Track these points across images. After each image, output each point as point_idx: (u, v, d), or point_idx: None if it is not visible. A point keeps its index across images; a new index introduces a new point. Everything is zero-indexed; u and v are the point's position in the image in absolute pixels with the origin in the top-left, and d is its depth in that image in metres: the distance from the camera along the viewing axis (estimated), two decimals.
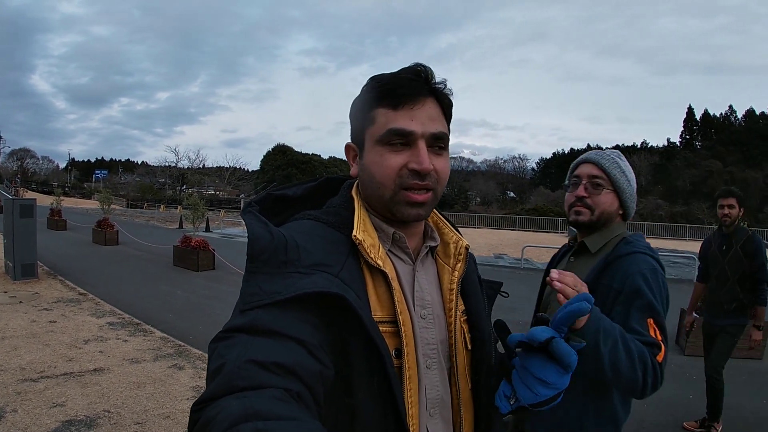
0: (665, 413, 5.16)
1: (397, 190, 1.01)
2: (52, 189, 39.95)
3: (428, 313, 1.07)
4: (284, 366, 0.74)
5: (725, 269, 4.67)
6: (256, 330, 0.79)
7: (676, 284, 14.58)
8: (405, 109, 1.01)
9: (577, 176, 2.08)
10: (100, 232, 18.57)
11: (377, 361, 0.89)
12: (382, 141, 1.02)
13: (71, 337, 6.63)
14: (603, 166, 2.02)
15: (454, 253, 1.16)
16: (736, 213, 4.55)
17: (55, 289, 9.85)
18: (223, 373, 0.72)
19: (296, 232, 0.97)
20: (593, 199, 2.02)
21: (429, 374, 1.03)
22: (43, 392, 4.71)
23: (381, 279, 0.99)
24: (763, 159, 65.28)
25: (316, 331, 0.84)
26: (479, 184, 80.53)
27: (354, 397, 0.89)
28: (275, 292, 0.84)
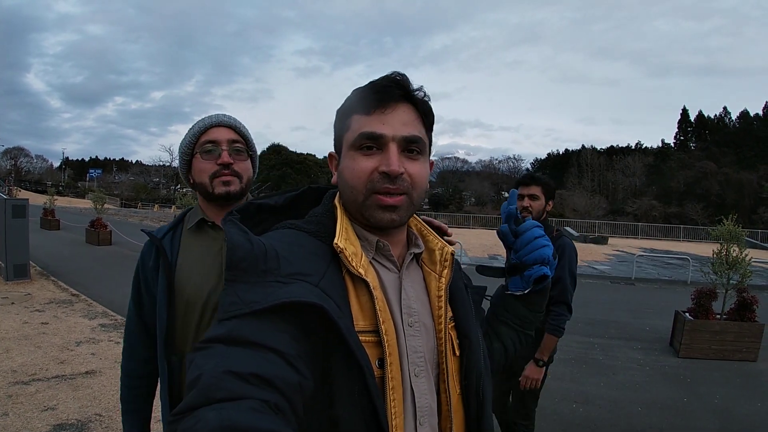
0: (660, 416, 5.15)
1: (369, 194, 1.02)
2: (46, 188, 39.79)
3: (415, 321, 1.05)
4: (262, 377, 0.73)
5: None
6: (233, 340, 0.78)
7: (669, 285, 14.63)
8: (377, 114, 1.02)
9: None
10: (94, 232, 18.50)
11: (357, 371, 0.88)
12: (354, 146, 1.03)
13: (63, 339, 6.58)
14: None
15: (439, 259, 1.15)
16: (541, 206, 3.36)
17: (48, 290, 9.79)
18: (201, 384, 0.71)
19: (276, 241, 0.97)
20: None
21: (417, 382, 1.02)
22: (34, 395, 4.67)
23: (363, 288, 0.98)
24: (758, 160, 65.65)
25: (295, 342, 0.82)
26: (474, 184, 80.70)
27: (336, 409, 0.88)
28: (253, 302, 0.83)
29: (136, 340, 1.80)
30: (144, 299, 1.76)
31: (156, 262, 1.72)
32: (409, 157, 1.04)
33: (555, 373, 6.08)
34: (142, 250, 1.80)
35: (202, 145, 1.71)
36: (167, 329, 1.65)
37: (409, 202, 1.04)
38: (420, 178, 1.05)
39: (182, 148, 1.76)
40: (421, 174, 1.05)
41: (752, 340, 7.27)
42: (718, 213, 40.15)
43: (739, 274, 7.46)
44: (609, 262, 20.88)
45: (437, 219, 1.32)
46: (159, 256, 1.72)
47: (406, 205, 1.04)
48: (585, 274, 16.47)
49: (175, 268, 1.69)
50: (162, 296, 1.66)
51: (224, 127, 1.74)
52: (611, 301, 11.61)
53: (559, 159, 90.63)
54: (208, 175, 1.69)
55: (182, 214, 1.86)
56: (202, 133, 1.72)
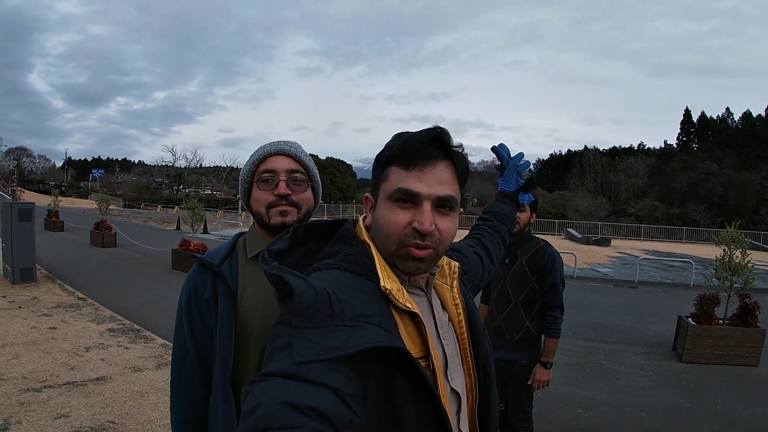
0: (662, 421, 5.20)
1: (401, 245, 1.07)
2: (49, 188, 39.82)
3: (446, 332, 1.16)
4: (318, 410, 0.76)
5: (506, 288, 3.70)
6: (292, 376, 0.81)
7: (672, 289, 14.64)
8: (416, 171, 1.07)
9: None
10: (98, 234, 18.53)
11: (426, 398, 0.96)
12: (391, 197, 1.08)
13: (72, 344, 6.63)
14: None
15: (449, 273, 1.28)
16: (526, 217, 3.58)
17: (54, 294, 9.84)
18: (258, 413, 0.75)
19: (332, 284, 0.99)
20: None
21: (455, 381, 1.13)
22: (46, 402, 4.71)
23: (409, 319, 1.04)
24: (760, 161, 65.47)
25: (350, 381, 0.86)
26: (476, 185, 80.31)
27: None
28: (335, 347, 0.86)
29: (196, 378, 1.65)
30: (198, 331, 1.64)
31: (213, 291, 1.61)
32: (441, 212, 1.09)
33: (559, 378, 6.13)
34: (193, 278, 1.66)
35: (260, 174, 1.66)
36: (233, 364, 1.55)
37: (436, 255, 1.10)
38: (448, 233, 1.11)
39: (242, 176, 1.72)
40: (450, 230, 1.11)
41: (754, 345, 7.32)
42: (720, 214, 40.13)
43: (742, 280, 7.49)
44: (612, 264, 20.89)
45: None
46: (217, 285, 1.61)
47: (432, 257, 1.09)
48: (588, 276, 16.49)
49: (237, 297, 1.60)
50: (226, 329, 1.57)
51: (284, 155, 1.69)
52: (614, 305, 11.63)
53: (561, 159, 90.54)
54: (264, 205, 1.64)
55: (233, 241, 1.76)
56: (261, 162, 1.68)
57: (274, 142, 1.72)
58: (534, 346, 3.64)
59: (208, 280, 1.62)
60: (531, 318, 3.61)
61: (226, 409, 1.55)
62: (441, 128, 1.12)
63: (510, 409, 3.70)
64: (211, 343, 1.61)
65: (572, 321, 8.90)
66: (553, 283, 3.56)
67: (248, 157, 1.73)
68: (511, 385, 3.66)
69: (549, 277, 3.57)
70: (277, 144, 1.70)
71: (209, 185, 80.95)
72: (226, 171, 77.84)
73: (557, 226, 40.65)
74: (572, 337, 8.27)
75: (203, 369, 1.64)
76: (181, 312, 1.66)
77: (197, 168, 76.96)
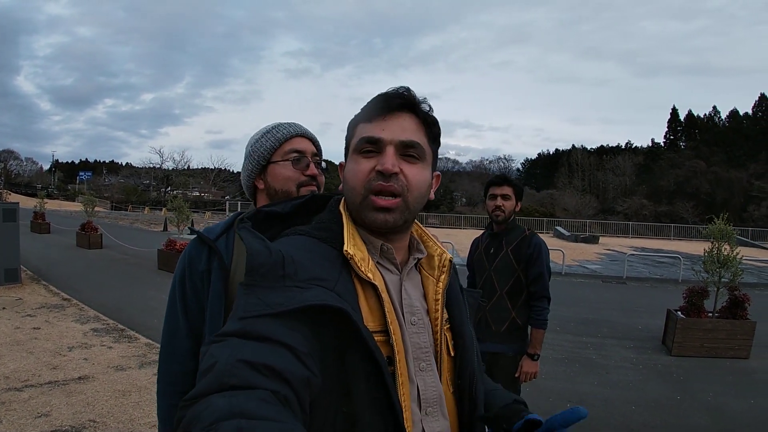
0: (653, 414, 5.18)
1: (366, 194, 1.06)
2: (36, 191, 39.51)
3: (418, 319, 1.10)
4: (274, 369, 0.76)
5: (491, 278, 3.62)
6: (248, 335, 0.81)
7: (661, 284, 14.72)
8: (377, 120, 1.08)
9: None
10: (84, 235, 18.38)
11: (374, 369, 0.93)
12: (356, 149, 1.09)
13: (55, 344, 6.54)
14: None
15: (438, 264, 1.19)
16: (512, 205, 3.56)
17: (39, 295, 9.74)
18: (214, 371, 0.74)
19: (291, 248, 1.00)
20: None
21: (423, 376, 1.07)
22: (27, 402, 4.64)
23: (371, 291, 1.02)
24: (747, 159, 66.26)
25: (306, 341, 0.86)
26: (465, 184, 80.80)
27: (352, 405, 0.92)
28: (278, 304, 0.86)
29: (186, 352, 1.63)
30: (190, 306, 1.63)
31: (208, 265, 1.61)
32: (407, 160, 1.08)
33: (548, 372, 6.11)
34: (189, 252, 1.67)
35: (288, 154, 1.71)
36: None
37: (404, 205, 1.07)
38: (416, 181, 1.09)
39: (260, 151, 1.73)
40: (418, 178, 1.09)
41: (744, 337, 7.33)
42: (708, 211, 40.50)
43: (731, 273, 7.51)
44: (600, 261, 21.01)
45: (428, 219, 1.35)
46: (211, 259, 1.61)
47: (401, 208, 1.07)
48: (577, 273, 16.57)
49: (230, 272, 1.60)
50: (217, 302, 1.57)
51: (308, 139, 1.76)
52: (603, 301, 11.67)
53: (549, 159, 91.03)
54: (295, 183, 1.69)
55: (232, 218, 1.74)
56: (287, 141, 1.72)
57: (294, 123, 1.77)
58: (520, 338, 3.56)
59: (203, 254, 1.63)
60: (517, 308, 3.53)
61: None
62: (405, 87, 1.12)
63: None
64: (202, 318, 1.61)
65: (561, 316, 8.93)
66: (539, 273, 3.50)
67: (262, 133, 1.76)
68: (497, 377, 3.45)
69: (535, 266, 3.50)
70: (299, 126, 1.76)
71: (197, 187, 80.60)
72: (214, 173, 77.61)
73: (546, 224, 40.83)
74: (561, 332, 8.28)
75: (193, 343, 1.63)
76: (174, 286, 1.66)
77: (185, 170, 76.32)
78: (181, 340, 1.64)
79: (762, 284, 15.25)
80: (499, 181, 3.59)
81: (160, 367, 1.69)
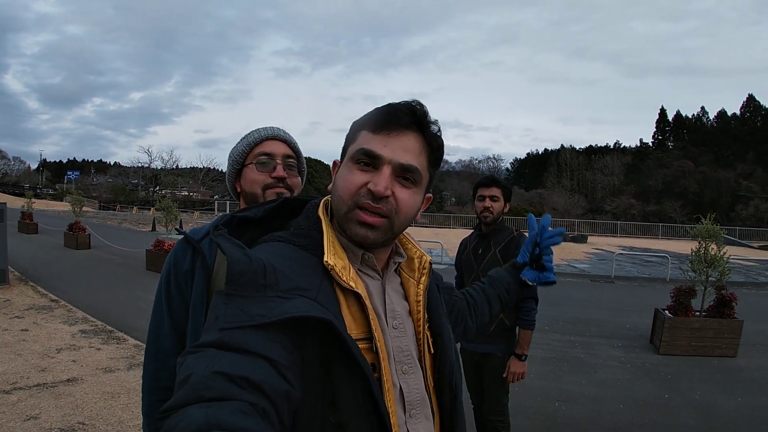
0: (641, 413, 5.22)
1: (353, 206, 1.04)
2: (24, 191, 39.14)
3: (399, 323, 1.11)
4: (251, 381, 0.74)
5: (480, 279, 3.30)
6: (226, 346, 0.79)
7: (649, 283, 14.78)
8: (382, 135, 1.05)
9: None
10: (72, 235, 18.24)
11: (360, 379, 0.92)
12: (353, 158, 1.06)
13: (43, 346, 6.49)
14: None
15: (418, 267, 1.21)
16: (500, 206, 3.59)
17: (27, 296, 9.66)
18: (190, 383, 0.72)
19: (271, 255, 0.98)
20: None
21: (407, 378, 1.07)
22: (16, 404, 4.61)
23: (353, 298, 1.01)
24: (735, 159, 66.78)
25: (287, 353, 0.84)
26: (454, 184, 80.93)
27: (339, 414, 0.91)
28: (259, 315, 0.84)
29: (169, 350, 1.68)
30: (175, 304, 1.69)
31: (192, 264, 1.66)
32: (402, 183, 1.06)
33: (537, 371, 6.13)
34: (175, 251, 1.71)
35: (257, 156, 1.74)
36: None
37: (389, 226, 1.06)
38: (407, 206, 1.07)
39: (234, 155, 1.79)
40: (409, 203, 1.07)
41: (731, 336, 7.39)
42: (696, 211, 40.74)
43: (718, 272, 7.56)
44: (589, 260, 21.08)
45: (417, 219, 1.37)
46: (195, 260, 1.66)
47: (385, 229, 1.05)
48: (565, 272, 16.60)
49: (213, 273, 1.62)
50: (199, 302, 1.61)
51: (280, 141, 1.78)
52: (591, 300, 11.71)
53: (538, 158, 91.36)
54: (260, 185, 1.72)
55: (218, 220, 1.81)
56: (257, 144, 1.76)
57: (269, 126, 1.80)
58: (508, 338, 3.58)
59: (188, 254, 1.66)
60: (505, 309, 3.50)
61: None
62: (418, 101, 1.09)
63: (486, 403, 3.66)
64: (186, 317, 1.64)
65: (549, 315, 8.96)
66: None
67: (240, 139, 1.80)
68: (486, 378, 3.62)
69: None
70: (272, 129, 1.79)
71: (186, 186, 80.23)
72: (202, 172, 77.37)
73: None
74: (549, 332, 8.30)
75: (177, 342, 1.67)
76: (161, 285, 1.69)
77: (173, 169, 76.12)
78: (165, 338, 1.68)
79: (749, 283, 15.35)
80: (488, 182, 3.61)
81: (145, 364, 1.73)
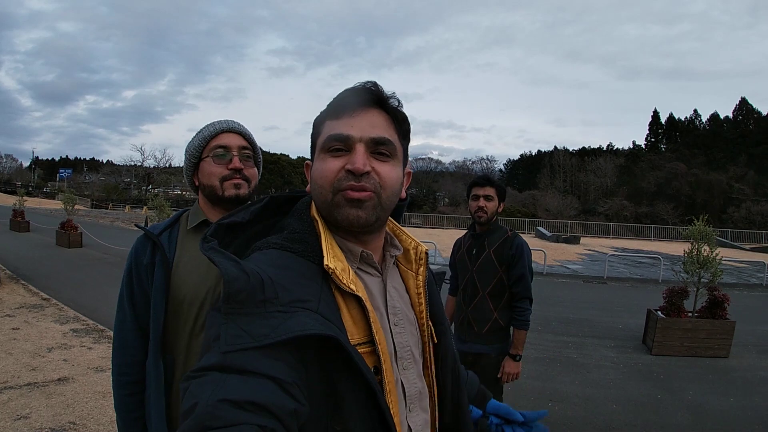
0: (634, 413, 5.23)
1: (336, 191, 1.01)
2: (15, 189, 38.90)
3: (400, 320, 1.09)
4: (258, 404, 0.73)
5: (474, 279, 3.63)
6: (228, 368, 0.77)
7: (641, 284, 14.83)
8: (345, 118, 1.04)
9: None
10: (64, 234, 18.10)
11: (366, 390, 0.91)
12: (324, 148, 1.04)
13: (34, 345, 6.45)
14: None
15: (415, 258, 1.19)
16: (494, 206, 3.56)
17: (18, 295, 9.58)
18: (196, 414, 0.71)
19: (267, 266, 0.94)
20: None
21: (406, 374, 1.07)
22: (6, 404, 4.57)
23: (354, 301, 0.99)
24: (727, 161, 67.14)
25: (290, 369, 0.82)
26: (447, 184, 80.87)
27: (343, 423, 0.90)
28: (263, 335, 0.81)
29: (132, 343, 1.74)
30: (137, 298, 1.74)
31: (152, 258, 1.73)
32: (378, 159, 1.04)
33: (529, 371, 6.14)
34: (135, 246, 1.79)
35: (213, 150, 1.77)
36: (163, 328, 1.65)
37: (377, 201, 1.03)
38: (390, 179, 1.05)
39: (191, 150, 1.81)
40: (391, 175, 1.05)
41: (724, 337, 7.43)
42: (688, 213, 40.91)
43: (710, 273, 7.60)
44: (581, 261, 21.11)
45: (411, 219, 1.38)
46: (155, 253, 1.73)
47: (373, 203, 1.02)
48: (558, 273, 16.65)
49: (172, 265, 1.71)
50: (159, 293, 1.66)
51: (235, 133, 1.81)
52: (584, 300, 11.73)
53: (531, 160, 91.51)
54: (218, 178, 1.75)
55: (178, 215, 1.90)
56: (213, 138, 1.79)
57: (224, 120, 1.84)
58: (503, 338, 3.59)
59: (148, 248, 1.76)
60: (499, 309, 3.55)
61: (155, 372, 1.65)
62: (373, 82, 1.08)
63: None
64: (148, 311, 1.69)
65: (542, 316, 8.97)
66: (521, 274, 3.50)
67: (196, 133, 1.84)
68: (479, 377, 3.56)
69: (517, 267, 3.50)
70: (227, 122, 1.83)
71: (178, 185, 79.99)
72: None
73: (527, 224, 40.93)
74: (542, 332, 8.32)
75: (140, 335, 1.74)
76: (123, 280, 1.76)
77: (166, 168, 75.78)
78: (128, 332, 1.74)
79: (741, 284, 15.43)
80: (482, 181, 3.58)
81: (113, 359, 1.79)
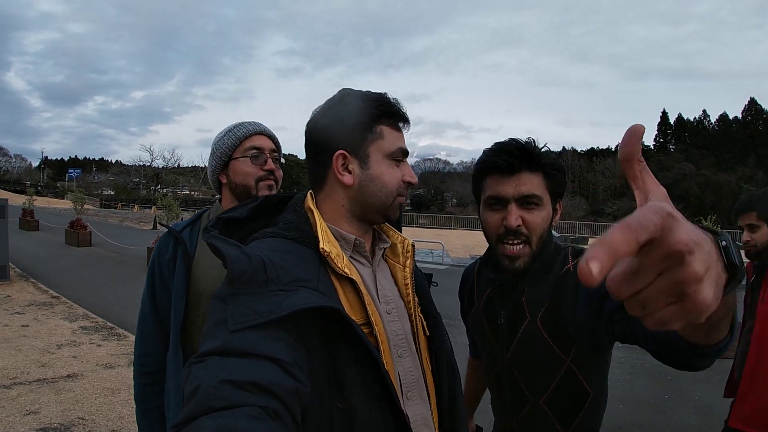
0: (641, 413, 5.22)
1: (395, 196, 1.17)
2: (25, 188, 39.13)
3: (392, 308, 1.15)
4: (259, 384, 0.74)
5: (512, 374, 2.02)
6: (229, 352, 0.79)
7: None
8: (404, 131, 1.22)
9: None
10: (73, 233, 18.19)
11: (369, 363, 0.94)
12: (390, 156, 1.16)
13: (44, 341, 6.50)
14: None
15: (402, 251, 1.26)
16: (547, 216, 2.84)
17: (28, 292, 9.65)
18: (199, 395, 0.72)
19: (267, 251, 0.99)
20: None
21: (402, 362, 1.11)
22: (16, 399, 4.61)
23: (349, 285, 1.05)
24: (736, 162, 66.71)
25: (290, 349, 0.84)
26: (455, 185, 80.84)
27: (347, 400, 0.92)
28: (268, 311, 0.84)
29: (153, 334, 1.82)
30: (158, 292, 1.81)
31: (173, 253, 1.79)
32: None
33: None
34: (159, 242, 1.86)
35: (248, 150, 1.83)
36: (183, 320, 1.71)
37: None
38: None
39: (222, 148, 1.85)
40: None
41: None
42: (697, 214, 40.69)
43: None
44: None
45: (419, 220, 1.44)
46: (177, 248, 1.78)
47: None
48: None
49: (193, 260, 1.76)
50: (180, 286, 1.72)
51: (266, 136, 1.89)
52: None
53: None
54: (254, 178, 1.81)
55: (200, 213, 1.96)
56: (246, 138, 1.85)
57: (254, 122, 1.91)
58: None
59: (170, 244, 1.81)
60: (575, 426, 3.12)
61: (176, 361, 1.70)
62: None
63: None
64: (168, 304, 1.75)
65: None
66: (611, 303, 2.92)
67: (224, 131, 1.89)
68: None
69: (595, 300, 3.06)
70: (259, 125, 1.90)
71: (187, 185, 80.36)
72: (204, 171, 77.25)
73: None
74: None
75: (161, 326, 1.80)
76: (147, 275, 1.84)
77: (175, 168, 76.02)
78: (149, 324, 1.82)
79: None
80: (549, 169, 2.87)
81: (135, 350, 1.87)
